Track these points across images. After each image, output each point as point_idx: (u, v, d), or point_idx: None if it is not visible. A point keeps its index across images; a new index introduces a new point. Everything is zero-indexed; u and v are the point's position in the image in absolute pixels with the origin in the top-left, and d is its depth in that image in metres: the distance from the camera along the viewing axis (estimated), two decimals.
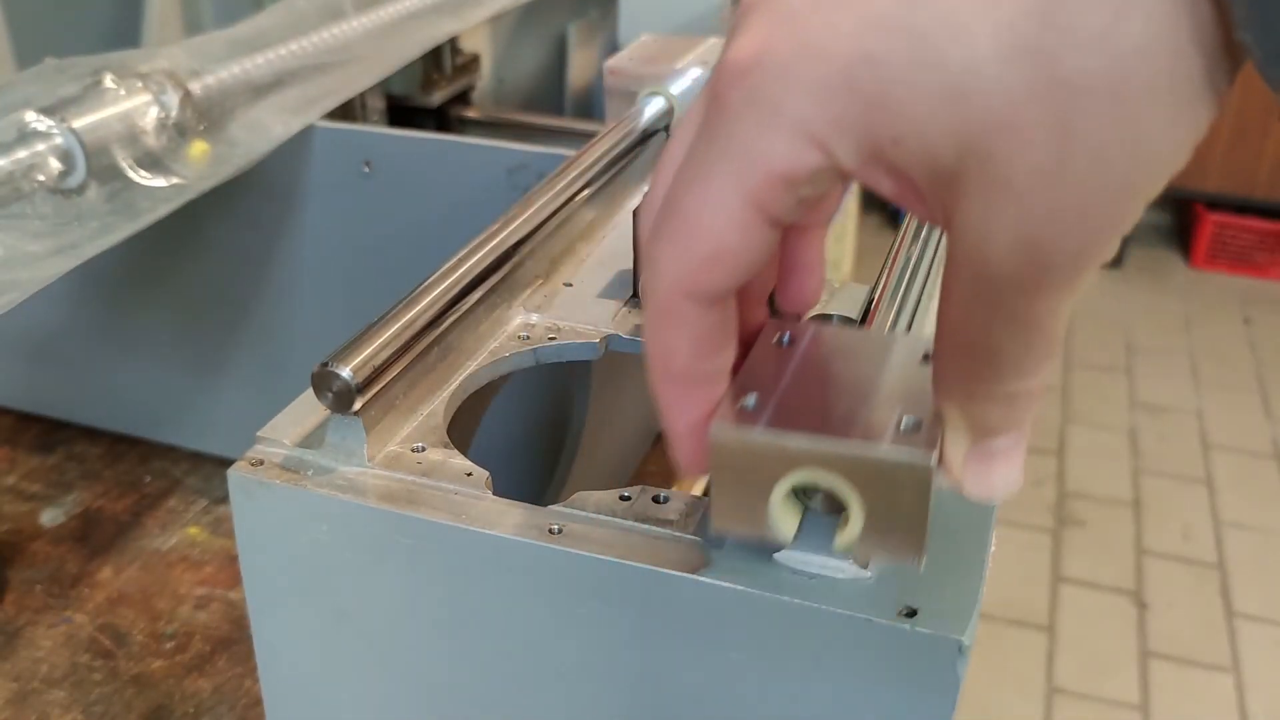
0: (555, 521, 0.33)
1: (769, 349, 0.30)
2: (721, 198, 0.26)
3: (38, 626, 0.60)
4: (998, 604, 1.82)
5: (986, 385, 0.26)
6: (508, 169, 0.61)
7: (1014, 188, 0.23)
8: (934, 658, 0.28)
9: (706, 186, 0.26)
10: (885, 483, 0.27)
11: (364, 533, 0.34)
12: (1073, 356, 2.51)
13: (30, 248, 0.50)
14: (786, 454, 0.27)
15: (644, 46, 0.61)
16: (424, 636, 0.35)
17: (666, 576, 0.30)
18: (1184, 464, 2.17)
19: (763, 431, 0.27)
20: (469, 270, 0.40)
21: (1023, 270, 0.24)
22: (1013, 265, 0.24)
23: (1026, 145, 0.23)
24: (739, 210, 0.26)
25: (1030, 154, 0.23)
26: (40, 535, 0.67)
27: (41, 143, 0.52)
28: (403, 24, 0.74)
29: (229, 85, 0.61)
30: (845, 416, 0.27)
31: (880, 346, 0.31)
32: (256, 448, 0.36)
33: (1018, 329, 0.25)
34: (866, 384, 0.29)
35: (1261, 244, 2.84)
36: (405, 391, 0.37)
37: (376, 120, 0.82)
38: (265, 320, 0.70)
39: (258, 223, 0.67)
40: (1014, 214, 0.24)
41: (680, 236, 0.26)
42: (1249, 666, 1.72)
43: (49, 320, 0.74)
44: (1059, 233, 0.24)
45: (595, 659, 0.33)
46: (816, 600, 0.29)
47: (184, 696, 0.56)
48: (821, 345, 0.31)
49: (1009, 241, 0.24)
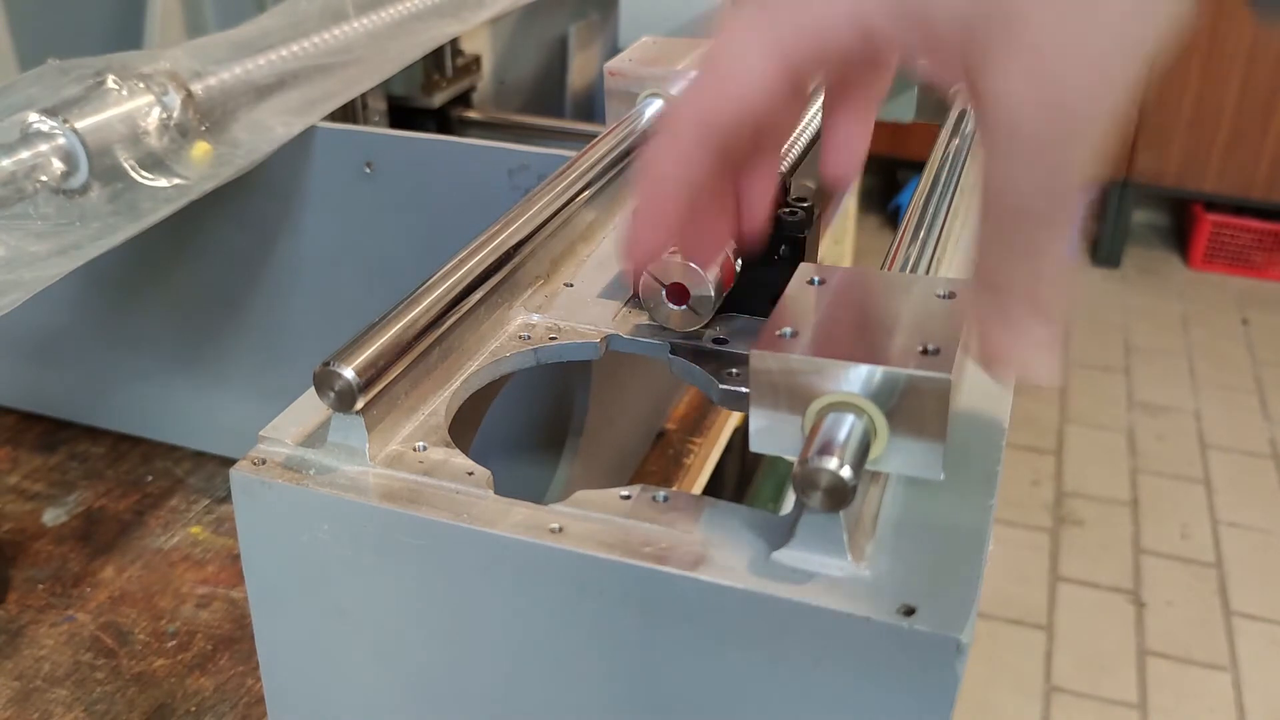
0: (556, 520, 0.33)
1: (803, 289, 0.34)
2: (750, 45, 0.28)
3: (40, 625, 0.61)
4: (996, 603, 1.83)
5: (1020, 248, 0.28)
6: (508, 170, 0.61)
7: (1039, 50, 0.26)
8: (932, 656, 0.29)
9: (740, 34, 0.28)
10: (910, 398, 0.30)
11: (366, 532, 0.34)
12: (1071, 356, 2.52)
13: (33, 248, 0.50)
14: (822, 374, 0.30)
15: (644, 48, 0.61)
16: (425, 635, 0.35)
17: (666, 576, 0.31)
18: (1182, 464, 2.17)
19: (800, 357, 0.30)
20: (470, 270, 0.41)
21: (1049, 128, 0.26)
22: (1040, 123, 0.26)
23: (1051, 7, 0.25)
24: (765, 59, 0.28)
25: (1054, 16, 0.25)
26: (43, 534, 0.67)
27: (44, 143, 0.52)
28: (404, 25, 0.74)
29: (231, 86, 0.61)
30: (873, 344, 0.31)
31: (902, 285, 0.34)
32: (258, 447, 0.36)
33: (1046, 183, 0.27)
34: (891, 317, 0.32)
35: (1259, 244, 2.84)
36: (407, 391, 0.37)
37: (378, 121, 0.82)
38: (267, 320, 0.70)
39: (259, 223, 0.67)
40: (1039, 75, 0.26)
41: (708, 75, 0.29)
42: (1246, 665, 1.72)
43: (52, 320, 0.74)
44: (1080, 92, 0.26)
45: (595, 658, 0.33)
46: (815, 599, 0.29)
47: (186, 695, 0.56)
48: (849, 285, 0.34)
49: (1035, 102, 0.26)
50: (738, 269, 0.41)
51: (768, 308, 0.34)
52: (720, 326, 0.42)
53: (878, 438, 0.30)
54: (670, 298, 0.40)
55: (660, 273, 0.39)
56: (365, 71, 0.69)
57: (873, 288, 0.35)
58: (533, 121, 0.92)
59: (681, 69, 0.57)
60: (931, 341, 0.31)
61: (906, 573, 0.30)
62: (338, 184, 0.65)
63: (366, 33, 0.71)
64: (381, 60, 0.70)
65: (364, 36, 0.70)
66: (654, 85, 0.58)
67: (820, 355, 0.30)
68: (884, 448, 0.30)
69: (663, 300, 0.40)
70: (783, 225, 0.41)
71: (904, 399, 0.30)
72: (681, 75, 0.57)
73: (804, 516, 0.30)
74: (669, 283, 0.40)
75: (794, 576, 0.30)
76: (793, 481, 0.29)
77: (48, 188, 0.52)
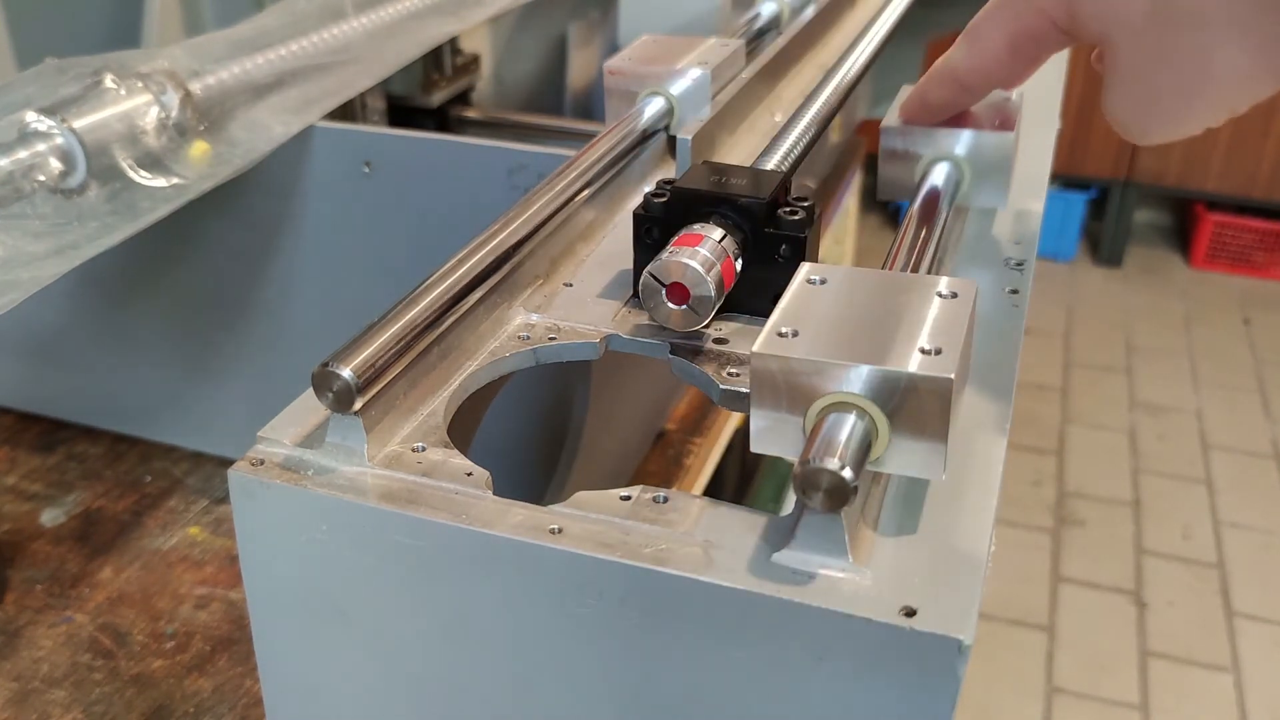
0: (555, 521, 0.33)
1: (803, 289, 0.34)
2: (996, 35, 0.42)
3: (38, 626, 0.60)
4: (997, 603, 1.83)
5: None
6: (508, 169, 0.61)
7: (1120, 74, 0.39)
8: (933, 657, 0.28)
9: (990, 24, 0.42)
10: (911, 399, 0.30)
11: (364, 532, 0.34)
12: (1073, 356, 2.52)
13: (31, 248, 0.50)
14: (823, 375, 0.30)
15: (644, 47, 0.61)
16: (424, 636, 0.35)
17: (666, 576, 0.31)
18: (1183, 464, 2.17)
19: (802, 356, 0.30)
20: (469, 270, 0.40)
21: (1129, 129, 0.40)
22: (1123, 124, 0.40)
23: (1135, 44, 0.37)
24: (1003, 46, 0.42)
25: (1136, 51, 0.37)
26: (41, 535, 0.67)
27: (42, 143, 0.52)
28: (403, 24, 0.74)
29: (229, 85, 0.61)
30: (874, 344, 0.31)
31: (902, 286, 0.34)
32: (257, 448, 0.36)
33: None
34: (891, 317, 0.32)
35: (1261, 244, 2.84)
36: (405, 391, 0.37)
37: (377, 120, 0.82)
38: (265, 320, 0.70)
39: (258, 223, 0.67)
40: (1119, 92, 0.39)
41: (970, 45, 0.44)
42: (1248, 666, 1.72)
43: (50, 320, 0.74)
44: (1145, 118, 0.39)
45: (595, 659, 0.33)
46: (816, 600, 0.29)
47: (184, 696, 0.56)
48: (850, 285, 0.34)
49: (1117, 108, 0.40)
50: (738, 269, 0.41)
51: (768, 308, 0.34)
52: (720, 326, 0.42)
53: (879, 438, 0.30)
54: (670, 298, 0.40)
55: (660, 272, 0.39)
56: (364, 70, 0.69)
57: (873, 288, 0.34)
58: (532, 120, 0.92)
59: (681, 67, 0.57)
60: (932, 341, 0.31)
61: (907, 574, 0.30)
62: (336, 183, 0.65)
63: (365, 32, 0.71)
64: (380, 59, 0.70)
65: (363, 35, 0.70)
66: (654, 84, 0.57)
67: (821, 355, 0.30)
68: (885, 448, 0.30)
69: (663, 300, 0.40)
70: (783, 225, 0.41)
71: (905, 399, 0.30)
72: (681, 74, 0.57)
73: (805, 517, 0.30)
74: (669, 283, 0.39)
75: (795, 577, 0.30)
76: (793, 482, 0.29)
77: (45, 187, 0.52)
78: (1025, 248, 0.48)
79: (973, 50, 0.44)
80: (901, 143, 0.49)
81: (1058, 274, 2.88)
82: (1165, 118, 0.39)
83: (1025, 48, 0.42)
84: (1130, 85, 0.39)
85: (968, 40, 0.44)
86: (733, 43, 0.61)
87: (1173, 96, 0.38)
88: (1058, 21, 0.40)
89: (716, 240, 0.40)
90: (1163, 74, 0.37)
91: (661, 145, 0.57)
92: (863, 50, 0.65)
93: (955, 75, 0.45)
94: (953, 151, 0.48)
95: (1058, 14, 0.40)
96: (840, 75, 0.60)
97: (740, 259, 0.41)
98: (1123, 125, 0.40)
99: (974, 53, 0.44)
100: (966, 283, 0.34)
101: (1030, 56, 0.42)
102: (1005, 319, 0.43)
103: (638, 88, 0.58)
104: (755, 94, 0.62)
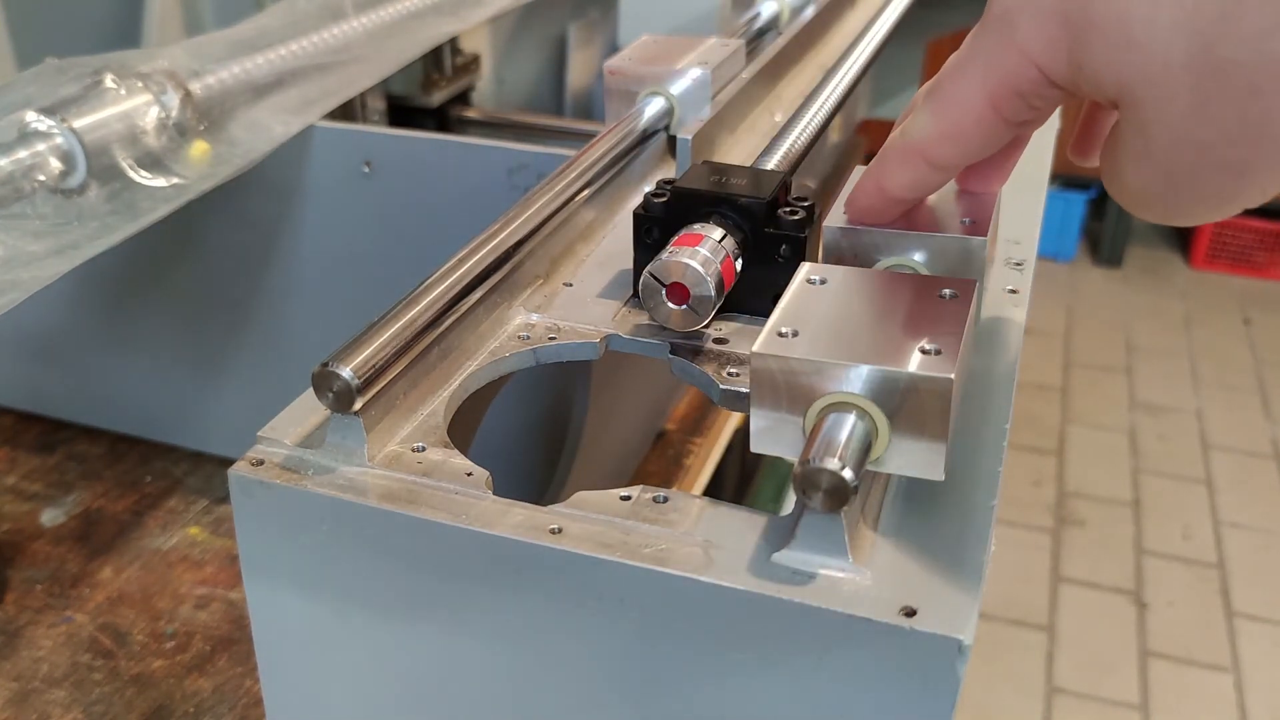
0: (555, 521, 0.33)
1: (803, 288, 0.34)
2: (970, 91, 0.33)
3: (38, 626, 0.60)
4: (997, 604, 1.83)
5: None
6: (508, 169, 0.61)
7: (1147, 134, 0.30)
8: (934, 657, 0.28)
9: (963, 78, 0.34)
10: (912, 399, 0.30)
11: (364, 532, 0.34)
12: (1073, 356, 2.52)
13: (31, 248, 0.50)
14: (823, 375, 0.30)
15: (644, 47, 0.61)
16: (424, 636, 0.35)
17: (666, 576, 0.31)
18: (1184, 464, 2.17)
19: (802, 356, 0.30)
20: (469, 270, 0.40)
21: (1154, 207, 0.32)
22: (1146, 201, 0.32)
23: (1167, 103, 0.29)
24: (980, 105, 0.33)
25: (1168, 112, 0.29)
26: (41, 535, 0.67)
27: (42, 143, 0.52)
28: (403, 24, 0.74)
29: (229, 85, 0.61)
30: (874, 344, 0.31)
31: (902, 286, 0.34)
32: (257, 448, 0.36)
33: None
34: (892, 317, 0.32)
35: (1261, 244, 2.84)
36: (405, 391, 0.37)
37: (377, 120, 0.82)
38: (265, 320, 0.70)
39: (258, 223, 0.67)
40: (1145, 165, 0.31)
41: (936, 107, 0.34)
42: (1248, 666, 1.72)
43: (50, 320, 0.74)
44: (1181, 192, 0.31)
45: (595, 659, 0.33)
46: (816, 600, 0.29)
47: (184, 696, 0.56)
48: (850, 285, 0.34)
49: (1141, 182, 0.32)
50: (738, 269, 0.41)
51: (768, 308, 0.34)
52: (720, 326, 0.42)
53: (879, 438, 0.30)
54: (670, 298, 0.40)
55: (660, 272, 0.39)
56: (364, 70, 0.69)
57: (873, 288, 0.35)
58: (532, 120, 0.92)
59: (681, 67, 0.57)
60: (932, 341, 0.31)
61: (908, 574, 0.30)
62: (336, 183, 0.65)
63: (365, 31, 0.71)
64: (380, 59, 0.70)
65: (363, 35, 0.70)
66: (654, 84, 0.57)
67: (821, 355, 0.30)
68: (885, 448, 0.30)
69: (663, 300, 0.40)
70: (783, 225, 0.41)
71: (905, 399, 0.30)
72: (681, 74, 0.57)
73: (805, 517, 0.30)
74: (669, 282, 0.39)
75: (795, 578, 0.30)
76: (793, 482, 0.29)
77: (45, 187, 0.52)
78: (1025, 248, 0.48)
79: (941, 115, 0.34)
80: (849, 246, 0.39)
81: (1058, 274, 2.88)
82: (1208, 190, 0.31)
83: (1008, 105, 0.33)
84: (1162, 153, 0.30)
85: (932, 103, 0.34)
86: (733, 43, 0.61)
87: (1218, 166, 0.30)
88: (1050, 72, 0.31)
89: (716, 240, 0.40)
90: (1207, 137, 0.29)
91: (661, 145, 0.57)
92: (863, 50, 0.65)
93: (921, 149, 0.35)
94: (911, 259, 0.39)
95: (1051, 63, 0.31)
96: (840, 75, 0.60)
97: (740, 259, 0.41)
98: (1146, 203, 0.32)
99: (943, 118, 0.34)
100: (966, 282, 0.34)
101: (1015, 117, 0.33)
102: (1005, 319, 0.43)
103: (638, 88, 0.58)
104: (755, 94, 0.62)
